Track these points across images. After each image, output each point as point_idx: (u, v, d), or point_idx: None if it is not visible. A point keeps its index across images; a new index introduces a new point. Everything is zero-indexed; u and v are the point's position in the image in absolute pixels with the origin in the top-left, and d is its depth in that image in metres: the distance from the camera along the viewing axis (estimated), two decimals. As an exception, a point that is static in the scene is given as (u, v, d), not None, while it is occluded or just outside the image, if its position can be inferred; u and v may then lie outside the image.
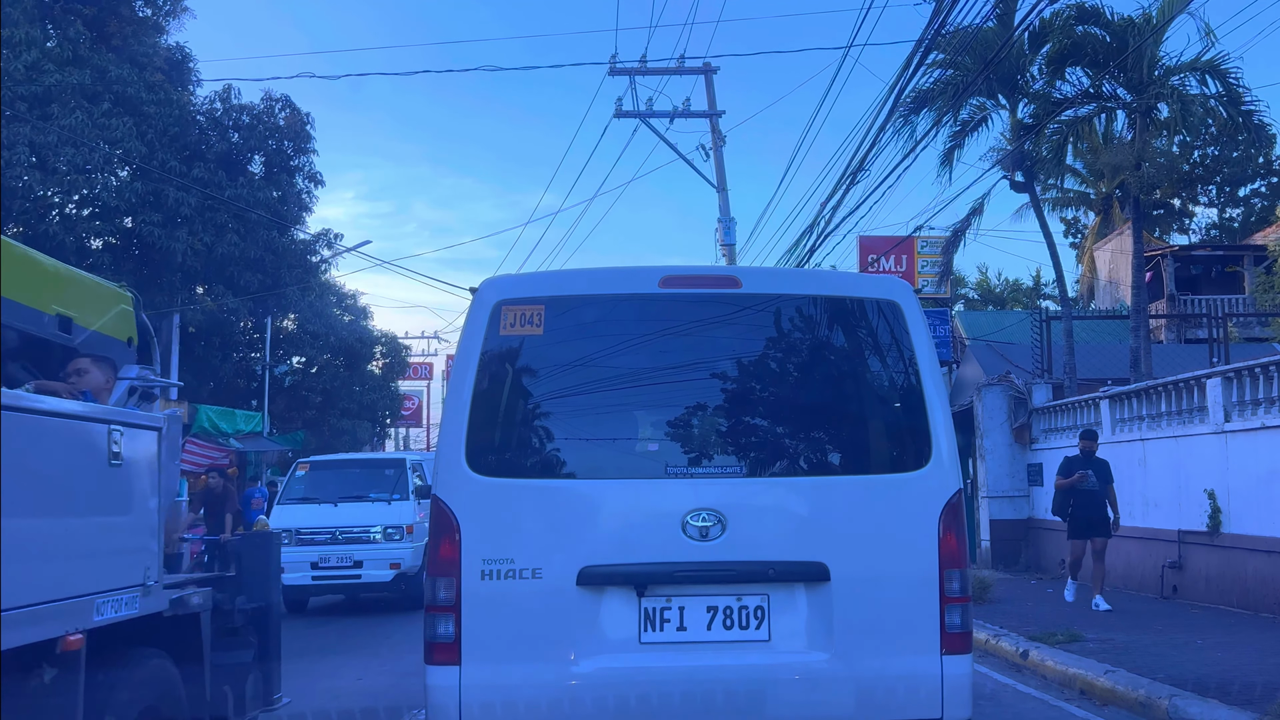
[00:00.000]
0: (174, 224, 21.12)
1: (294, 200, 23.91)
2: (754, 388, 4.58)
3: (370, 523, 15.17)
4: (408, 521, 15.26)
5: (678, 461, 4.41)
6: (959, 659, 4.30)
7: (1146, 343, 18.91)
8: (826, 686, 4.23)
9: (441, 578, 4.24)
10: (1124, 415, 15.28)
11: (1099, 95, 18.27)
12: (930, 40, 15.17)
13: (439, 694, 4.20)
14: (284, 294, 24.41)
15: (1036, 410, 18.16)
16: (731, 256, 23.00)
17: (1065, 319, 19.16)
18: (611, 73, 22.99)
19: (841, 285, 4.87)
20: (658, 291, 4.52)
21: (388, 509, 15.35)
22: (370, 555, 14.95)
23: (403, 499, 15.51)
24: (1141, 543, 14.62)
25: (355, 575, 14.94)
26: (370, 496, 15.58)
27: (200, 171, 21.62)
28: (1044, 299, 43.39)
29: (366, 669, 10.19)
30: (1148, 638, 10.14)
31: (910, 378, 4.49)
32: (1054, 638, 9.84)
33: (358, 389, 38.99)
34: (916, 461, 4.42)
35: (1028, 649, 9.65)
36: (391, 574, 14.91)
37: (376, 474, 16.36)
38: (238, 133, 23.11)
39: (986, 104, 19.69)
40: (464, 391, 4.36)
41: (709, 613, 4.27)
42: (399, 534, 15.12)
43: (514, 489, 4.33)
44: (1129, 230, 33.48)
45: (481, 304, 4.46)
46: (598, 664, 4.21)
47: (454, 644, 4.19)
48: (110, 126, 20.46)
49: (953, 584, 4.31)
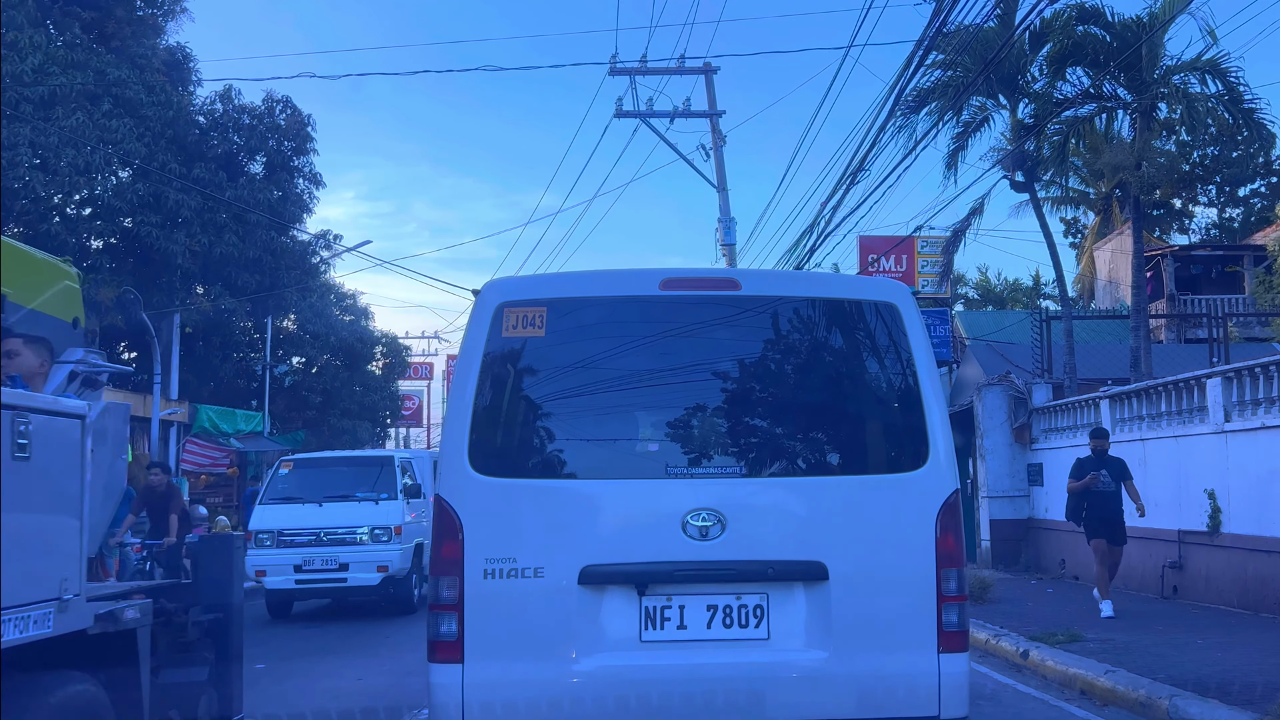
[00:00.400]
0: (173, 225, 21.15)
1: (294, 201, 23.93)
2: (753, 389, 4.62)
3: (357, 523, 14.45)
4: (396, 522, 14.56)
5: (678, 462, 4.44)
6: (956, 657, 4.33)
7: (1146, 342, 18.90)
8: (825, 684, 4.26)
9: (445, 577, 4.28)
10: (1124, 415, 15.28)
11: (1100, 95, 18.27)
12: (931, 40, 15.18)
13: (442, 692, 4.23)
14: (283, 294, 24.42)
15: (1037, 410, 18.15)
16: (732, 256, 22.99)
17: (1065, 319, 19.16)
18: (612, 73, 23.00)
19: (840, 288, 4.93)
20: (658, 294, 4.55)
21: (375, 509, 14.62)
22: (357, 558, 14.22)
23: (391, 499, 14.75)
24: (1142, 543, 14.60)
25: (341, 579, 14.26)
26: (357, 496, 14.81)
27: (200, 172, 21.65)
28: (1044, 299, 43.36)
29: (367, 669, 10.19)
30: (1148, 638, 10.13)
31: (908, 379, 4.52)
32: (1054, 638, 9.84)
33: (358, 389, 38.99)
34: (914, 462, 4.44)
35: (1028, 649, 9.65)
36: (379, 577, 14.23)
37: (364, 473, 15.45)
38: (238, 134, 23.14)
39: (987, 104, 19.69)
40: (467, 393, 4.40)
41: (709, 611, 4.31)
42: (387, 535, 14.41)
43: (516, 489, 4.36)
44: (1129, 230, 33.43)
45: (484, 306, 4.50)
46: (599, 662, 4.24)
47: (457, 642, 4.23)
48: (110, 128, 20.48)
49: (950, 583, 4.34)
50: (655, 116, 23.27)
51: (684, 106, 23.44)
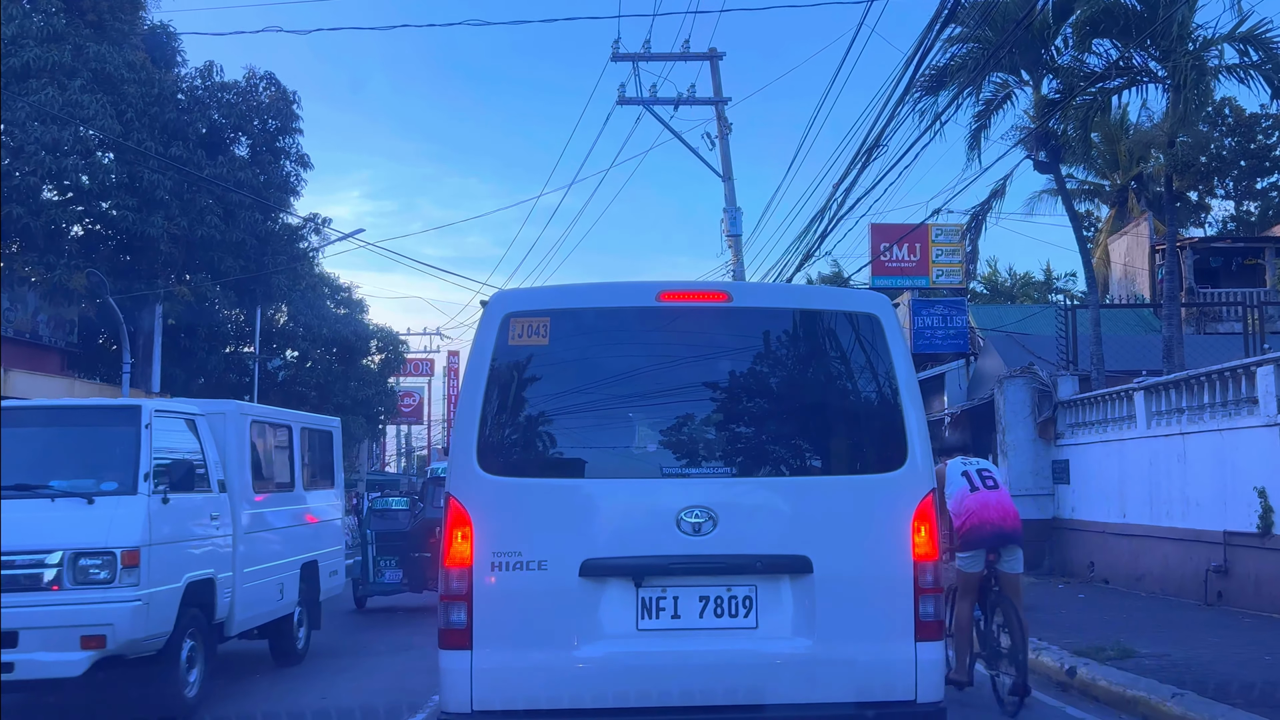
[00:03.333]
0: (150, 206, 20.09)
1: (280, 184, 22.87)
2: (743, 394, 4.90)
3: (39, 544, 7.16)
4: (129, 541, 7.29)
5: (673, 463, 4.70)
6: (932, 645, 4.63)
7: (1179, 332, 17.83)
8: (809, 670, 4.52)
9: (454, 569, 4.52)
10: (1161, 408, 14.22)
11: (1130, 68, 17.18)
12: (950, 10, 14.14)
13: (452, 676, 4.50)
14: (270, 282, 23.35)
15: (1062, 404, 17.10)
16: (737, 247, 22.27)
17: (1092, 307, 18.05)
18: (614, 58, 22.19)
19: (824, 300, 5.36)
20: (655, 305, 4.83)
21: (83, 515, 7.35)
22: (34, 618, 6.98)
23: (125, 491, 7.52)
24: (1180, 544, 13.58)
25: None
26: (52, 487, 7.51)
27: (179, 150, 20.61)
28: (1056, 293, 42.36)
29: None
30: (1206, 652, 9.09)
31: (888, 386, 4.76)
32: (1103, 653, 8.78)
33: (353, 384, 38.23)
34: (893, 463, 4.69)
35: (1074, 665, 8.59)
36: (84, 658, 7.05)
37: (76, 439, 8.12)
38: (219, 111, 22.07)
39: (1009, 80, 18.61)
40: (476, 397, 4.65)
41: (701, 602, 4.55)
42: (105, 568, 7.20)
43: (522, 488, 4.63)
44: (1145, 222, 32.61)
45: (492, 316, 4.75)
46: (599, 649, 4.50)
47: (466, 630, 4.49)
48: (83, 104, 19.45)
49: (926, 576, 4.59)
50: (659, 104, 22.51)
51: (689, 93, 22.67)
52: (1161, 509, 14.09)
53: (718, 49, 23.08)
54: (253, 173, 22.14)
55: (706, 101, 22.50)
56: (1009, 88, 18.71)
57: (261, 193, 21.98)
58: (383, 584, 14.66)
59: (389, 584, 14.66)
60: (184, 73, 23.20)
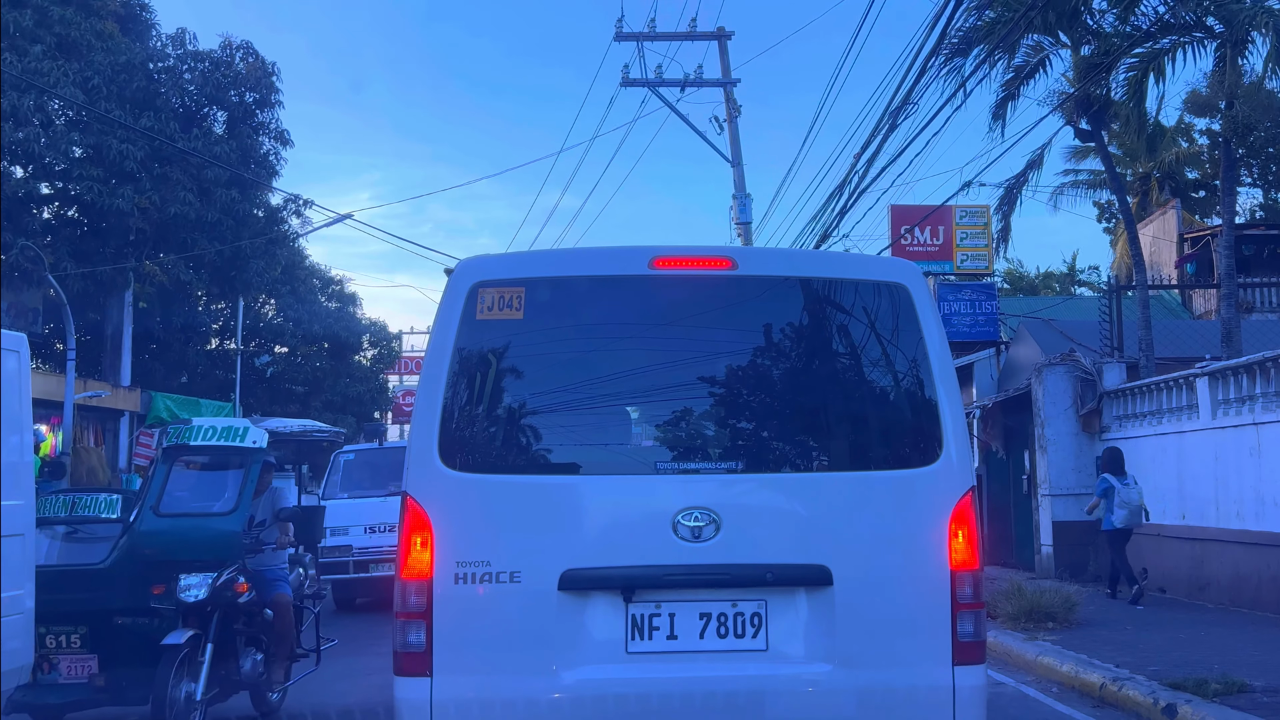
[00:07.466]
0: (118, 179, 18.62)
1: (258, 160, 21.39)
2: (751, 377, 4.35)
3: None
4: None
5: (668, 456, 4.21)
6: (972, 670, 4.09)
7: (1237, 315, 16.27)
8: (829, 699, 4.05)
9: (412, 582, 4.04)
10: (1229, 395, 12.66)
11: (1180, 26, 15.64)
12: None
13: (408, 708, 4.03)
14: (248, 266, 21.87)
15: (1108, 394, 15.54)
16: (747, 235, 21.15)
17: (1140, 289, 16.50)
18: (617, 38, 21.08)
19: (844, 267, 4.66)
20: (648, 273, 4.30)
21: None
22: None
23: None
24: (1254, 549, 12.02)
25: None
26: None
27: (150, 122, 19.15)
28: (1079, 285, 40.99)
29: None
30: (1327, 683, 7.53)
31: (919, 367, 4.25)
32: (1206, 687, 7.20)
33: (345, 380, 37.00)
34: (925, 457, 4.19)
35: (1173, 702, 7.03)
36: None
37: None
38: (193, 82, 20.60)
39: (1044, 43, 17.08)
40: (438, 380, 4.15)
41: (702, 620, 4.08)
42: None
43: (491, 486, 4.13)
44: (1172, 210, 31.36)
45: (457, 286, 4.25)
46: (581, 675, 4.02)
47: (425, 653, 4.00)
48: (42, 71, 18.01)
49: (965, 589, 4.09)
50: (665, 85, 21.42)
51: (696, 74, 21.46)
52: (1230, 509, 12.54)
53: (726, 28, 22.12)
54: (230, 147, 20.68)
55: (715, 83, 21.38)
56: (1043, 50, 17.20)
57: (239, 168, 20.51)
58: None
59: None
60: (156, 45, 21.82)
